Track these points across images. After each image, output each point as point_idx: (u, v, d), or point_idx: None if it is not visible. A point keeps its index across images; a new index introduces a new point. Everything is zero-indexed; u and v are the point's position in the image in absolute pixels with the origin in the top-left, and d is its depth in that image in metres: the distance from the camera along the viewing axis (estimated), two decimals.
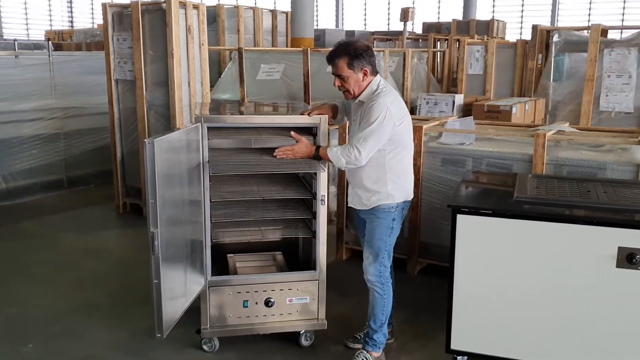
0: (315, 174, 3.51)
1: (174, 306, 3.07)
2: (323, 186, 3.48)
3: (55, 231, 5.97)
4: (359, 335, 3.70)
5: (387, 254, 3.40)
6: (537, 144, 4.20)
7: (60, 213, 6.57)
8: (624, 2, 17.77)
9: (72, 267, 5.05)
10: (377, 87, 3.28)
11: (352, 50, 3.22)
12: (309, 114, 3.46)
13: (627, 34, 7.29)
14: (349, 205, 3.53)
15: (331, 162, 3.30)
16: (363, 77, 3.25)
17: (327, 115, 3.47)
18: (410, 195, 3.45)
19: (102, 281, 4.74)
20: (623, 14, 17.76)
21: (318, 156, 3.33)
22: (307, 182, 3.82)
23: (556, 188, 3.45)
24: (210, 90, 6.93)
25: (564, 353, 3.13)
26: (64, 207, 6.76)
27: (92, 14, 26.12)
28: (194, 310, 3.50)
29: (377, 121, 3.15)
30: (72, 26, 25.30)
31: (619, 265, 2.91)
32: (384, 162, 3.27)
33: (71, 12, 26.27)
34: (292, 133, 3.40)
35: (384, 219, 3.34)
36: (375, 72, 3.32)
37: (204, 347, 3.61)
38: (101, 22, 19.18)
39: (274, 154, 3.39)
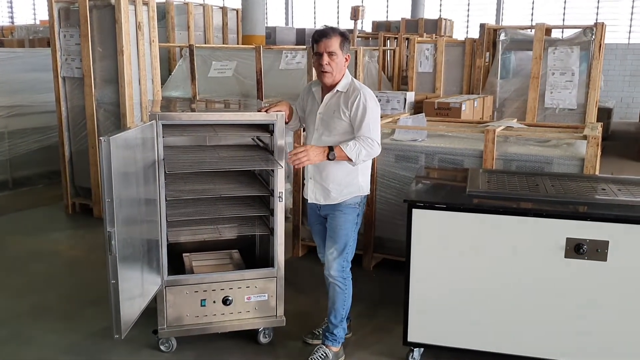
0: (272, 170, 3.52)
1: (131, 306, 3.03)
2: (280, 183, 3.48)
3: (0, 233, 5.78)
4: (318, 332, 3.72)
5: (351, 249, 3.42)
6: (487, 140, 4.31)
7: (6, 215, 6.36)
8: (565, 2, 18.33)
9: (19, 270, 4.90)
10: (352, 78, 3.32)
11: (345, 33, 3.26)
12: (266, 111, 3.44)
13: (568, 33, 7.55)
14: (310, 202, 3.49)
15: (347, 159, 3.17)
16: (345, 62, 3.27)
17: (284, 113, 3.46)
18: (369, 189, 3.50)
19: (51, 283, 4.62)
20: (564, 14, 18.32)
21: (333, 156, 3.17)
22: (263, 179, 3.82)
23: (506, 182, 3.55)
24: (161, 87, 6.83)
25: (517, 341, 3.24)
26: (10, 209, 6.55)
27: (34, 9, 25.25)
28: (150, 311, 3.45)
29: (374, 111, 3.22)
30: (12, 22, 24.43)
31: (567, 255, 3.03)
32: None
33: (11, 7, 25.35)
34: (295, 144, 3.31)
35: (350, 214, 3.36)
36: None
37: (161, 347, 3.58)
38: (44, 18, 18.53)
39: (288, 160, 3.21)
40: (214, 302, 3.58)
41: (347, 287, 3.45)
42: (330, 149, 3.16)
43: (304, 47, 7.93)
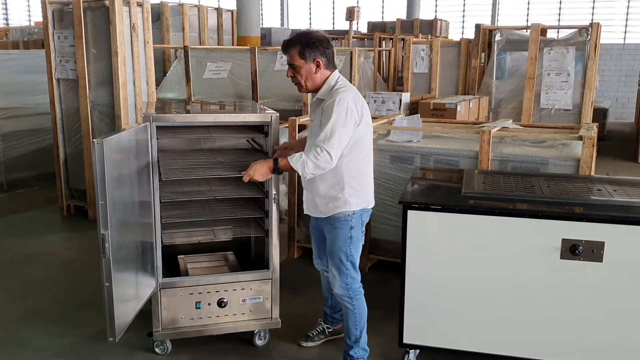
0: None
1: (125, 309, 3.01)
2: (275, 185, 3.47)
3: None
4: (312, 334, 3.70)
5: (351, 264, 3.22)
6: (482, 141, 4.30)
7: (0, 217, 6.33)
8: (560, 2, 18.37)
9: (14, 272, 4.87)
10: (335, 83, 3.12)
11: (305, 39, 3.06)
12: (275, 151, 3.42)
13: (564, 33, 7.56)
14: (305, 212, 3.39)
15: (294, 171, 3.05)
16: (316, 69, 3.07)
17: (277, 114, 3.45)
18: (370, 203, 3.28)
19: (46, 286, 4.59)
20: (559, 14, 18.35)
21: (279, 169, 3.08)
22: (258, 181, 3.80)
23: (502, 183, 3.55)
24: (156, 89, 6.81)
25: (513, 343, 3.23)
26: (4, 211, 6.52)
27: (29, 11, 25.19)
28: (145, 313, 3.44)
29: (339, 118, 2.95)
30: (7, 24, 24.37)
31: (563, 256, 3.02)
32: (341, 164, 3.07)
33: (6, 9, 25.29)
34: (243, 172, 3.13)
35: (342, 228, 3.17)
36: (332, 67, 3.14)
37: (156, 349, 3.56)
38: (39, 19, 18.48)
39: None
40: (209, 304, 3.56)
41: (355, 306, 3.28)
42: (275, 160, 3.08)
43: None
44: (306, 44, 3.06)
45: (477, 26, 8.15)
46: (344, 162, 3.09)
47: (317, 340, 3.68)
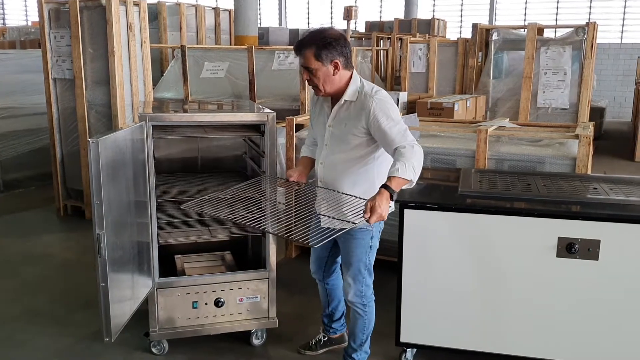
0: (264, 171, 3.51)
1: (121, 309, 3.01)
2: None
3: None
4: (312, 342, 3.62)
5: (367, 272, 3.14)
6: (479, 140, 4.31)
7: None
8: (557, 1, 18.40)
9: (10, 272, 4.87)
10: (362, 83, 2.91)
11: (320, 39, 2.79)
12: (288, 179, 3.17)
13: (561, 32, 7.57)
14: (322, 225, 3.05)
15: (407, 182, 2.67)
16: (334, 70, 2.82)
17: (274, 113, 3.43)
18: (392, 207, 2.94)
19: (43, 287, 4.58)
20: (557, 14, 18.37)
21: (393, 191, 2.62)
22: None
23: (498, 182, 3.55)
24: (153, 88, 6.80)
25: (510, 341, 3.23)
26: (1, 211, 6.51)
27: (26, 10, 25.16)
28: (142, 313, 3.43)
29: (396, 111, 2.80)
30: (4, 24, 24.34)
31: (559, 254, 3.02)
32: (372, 167, 2.92)
33: (3, 9, 25.24)
34: (365, 215, 2.60)
35: (362, 238, 3.03)
36: (350, 66, 2.90)
37: (153, 349, 3.56)
38: (35, 19, 18.45)
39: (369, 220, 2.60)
40: (206, 304, 3.56)
41: (367, 312, 3.21)
42: (387, 188, 2.61)
43: None
44: (322, 45, 2.79)
45: (475, 25, 8.16)
46: (376, 163, 2.94)
47: (316, 350, 3.60)
